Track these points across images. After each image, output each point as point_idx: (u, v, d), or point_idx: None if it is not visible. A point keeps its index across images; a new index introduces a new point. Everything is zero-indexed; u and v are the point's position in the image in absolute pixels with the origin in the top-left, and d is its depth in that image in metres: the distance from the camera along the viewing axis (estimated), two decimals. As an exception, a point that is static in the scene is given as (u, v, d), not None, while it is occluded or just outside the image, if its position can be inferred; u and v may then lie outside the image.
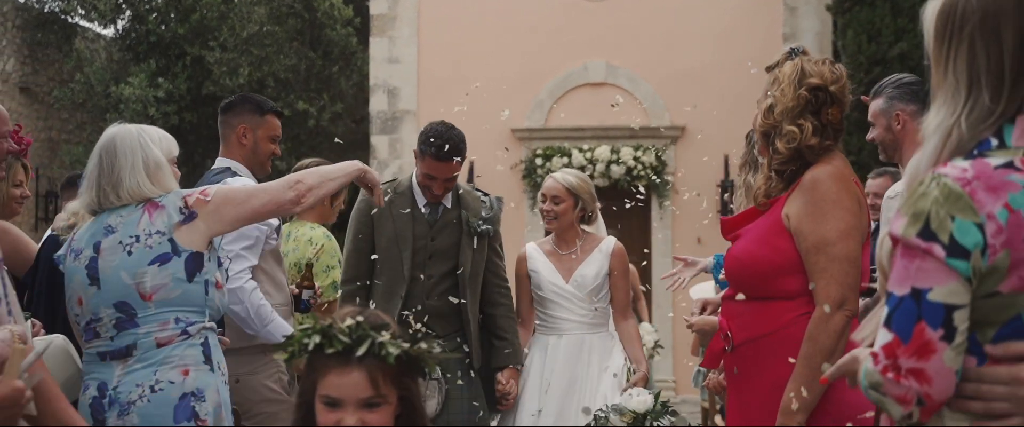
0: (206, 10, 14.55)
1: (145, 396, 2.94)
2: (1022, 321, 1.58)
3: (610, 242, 4.49)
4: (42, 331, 3.19)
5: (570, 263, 4.44)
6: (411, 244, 4.16)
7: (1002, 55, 1.67)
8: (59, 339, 3.10)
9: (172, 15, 14.78)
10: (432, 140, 4.08)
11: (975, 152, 1.64)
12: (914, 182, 1.66)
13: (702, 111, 12.24)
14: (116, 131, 3.14)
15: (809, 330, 2.60)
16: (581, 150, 12.58)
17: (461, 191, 4.31)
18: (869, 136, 3.71)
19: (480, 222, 4.24)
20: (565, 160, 12.49)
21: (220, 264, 3.20)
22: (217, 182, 3.83)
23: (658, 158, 12.55)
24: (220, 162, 4.06)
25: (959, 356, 1.57)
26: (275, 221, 3.94)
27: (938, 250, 1.56)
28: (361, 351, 1.97)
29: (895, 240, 1.63)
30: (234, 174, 3.95)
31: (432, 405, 4.04)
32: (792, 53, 2.84)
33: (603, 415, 3.96)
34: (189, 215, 3.02)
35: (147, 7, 14.96)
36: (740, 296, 2.81)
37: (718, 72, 12.31)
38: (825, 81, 2.74)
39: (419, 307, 4.12)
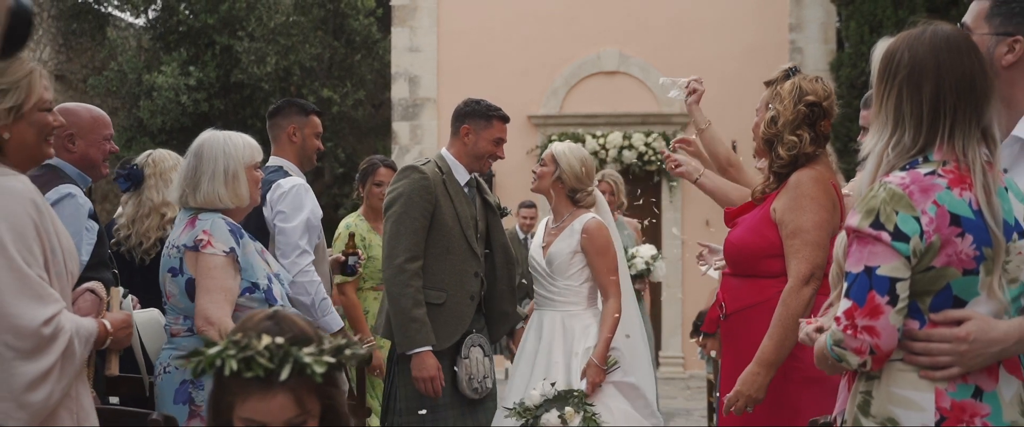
0: (234, 1, 14.65)
1: (161, 374, 3.29)
2: (950, 290, 2.08)
3: (583, 219, 4.27)
4: (139, 305, 3.67)
5: (551, 238, 4.34)
6: (471, 222, 4.20)
7: (921, 104, 2.15)
8: (156, 311, 3.58)
9: (201, 4, 14.83)
10: (493, 106, 4.22)
11: (907, 166, 2.15)
12: (861, 194, 2.17)
13: (710, 98, 12.56)
14: (205, 138, 3.38)
15: (783, 297, 3.11)
16: (594, 136, 12.86)
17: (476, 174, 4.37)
18: None
19: (499, 202, 4.43)
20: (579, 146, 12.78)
21: (256, 289, 3.31)
22: (270, 181, 4.16)
23: (668, 144, 12.83)
24: (273, 160, 4.32)
25: (900, 317, 2.07)
26: (321, 212, 4.27)
27: (886, 236, 2.05)
28: (284, 375, 1.79)
29: (850, 231, 2.13)
30: (286, 173, 4.25)
31: (488, 383, 4.20)
32: (789, 73, 3.29)
33: (522, 402, 4.03)
34: (195, 247, 3.23)
35: (177, -3, 15.09)
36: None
37: (726, 61, 12.63)
38: (819, 98, 3.22)
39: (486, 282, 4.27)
